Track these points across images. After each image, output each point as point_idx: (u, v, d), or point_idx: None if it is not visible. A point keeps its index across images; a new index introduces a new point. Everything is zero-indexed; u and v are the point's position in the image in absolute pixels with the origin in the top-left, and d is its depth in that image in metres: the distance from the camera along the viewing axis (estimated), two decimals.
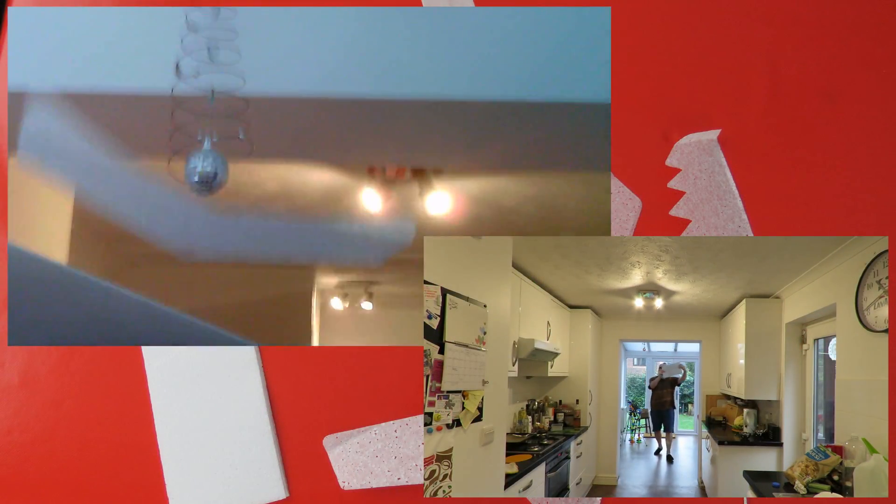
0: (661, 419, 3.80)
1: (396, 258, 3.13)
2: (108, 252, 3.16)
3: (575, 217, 2.61)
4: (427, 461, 1.13)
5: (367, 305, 3.96)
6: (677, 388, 3.87)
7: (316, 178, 2.26)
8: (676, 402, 3.93)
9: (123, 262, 3.21)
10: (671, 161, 1.29)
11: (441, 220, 2.64)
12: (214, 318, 3.44)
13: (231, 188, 2.28)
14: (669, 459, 3.59)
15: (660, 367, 3.87)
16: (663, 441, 3.76)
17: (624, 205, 1.27)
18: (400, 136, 1.71)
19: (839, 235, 1.28)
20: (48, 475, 1.19)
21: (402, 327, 4.28)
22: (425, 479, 1.13)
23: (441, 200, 2.37)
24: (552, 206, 2.48)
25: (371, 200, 2.32)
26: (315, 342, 3.69)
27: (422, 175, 2.22)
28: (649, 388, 3.93)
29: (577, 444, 2.56)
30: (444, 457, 1.17)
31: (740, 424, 2.66)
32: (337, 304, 3.96)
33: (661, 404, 3.80)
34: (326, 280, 3.74)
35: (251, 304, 3.39)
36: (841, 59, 1.32)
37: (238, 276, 3.31)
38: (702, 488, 2.87)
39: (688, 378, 3.92)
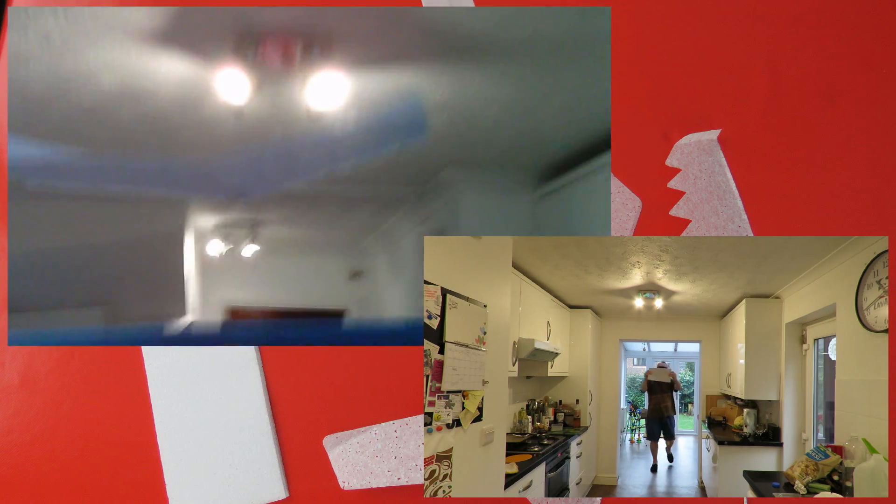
0: (662, 427, 3.31)
1: (287, 192, 2.50)
2: None
3: (497, 127, 1.90)
4: (427, 461, 1.13)
5: (249, 251, 3.30)
6: (675, 393, 3.42)
7: (165, 68, 1.61)
8: (677, 407, 3.45)
9: None
10: (671, 161, 1.29)
11: (328, 121, 1.85)
12: (59, 264, 2.86)
13: (56, 87, 1.69)
14: (670, 458, 3.42)
15: (646, 374, 3.42)
16: (660, 449, 3.35)
17: (624, 205, 1.27)
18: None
19: (839, 235, 1.28)
20: (48, 475, 1.19)
21: (293, 278, 3.62)
22: (425, 479, 1.13)
23: (333, 89, 1.55)
24: (472, 112, 1.80)
25: (235, 91, 1.59)
26: (190, 294, 3.17)
27: (307, 52, 1.46)
28: (642, 391, 3.47)
29: (577, 444, 2.56)
30: (444, 457, 1.17)
31: (740, 424, 2.66)
32: (215, 248, 3.27)
33: (659, 410, 3.31)
34: (203, 219, 2.97)
35: (108, 245, 2.76)
36: (841, 59, 1.32)
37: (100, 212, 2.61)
38: (702, 488, 2.87)
39: (683, 382, 3.53)
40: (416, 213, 2.86)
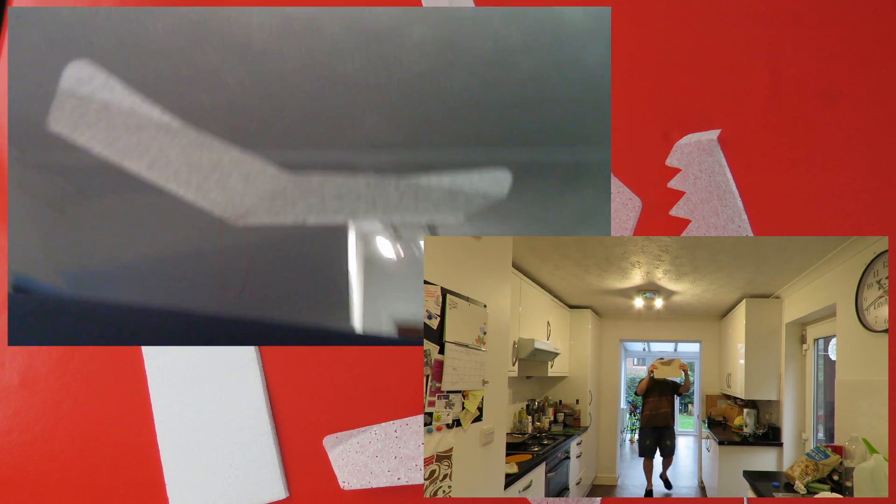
0: (657, 439, 2.62)
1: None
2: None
3: None
4: (427, 461, 1.13)
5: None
6: (677, 397, 2.72)
7: None
8: (677, 416, 2.74)
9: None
10: (671, 161, 1.29)
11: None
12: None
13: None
14: (667, 484, 2.68)
15: (650, 368, 2.71)
16: (656, 466, 2.67)
17: (624, 205, 1.27)
18: None
19: (839, 235, 1.28)
20: (48, 475, 1.19)
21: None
22: (425, 479, 1.13)
23: None
24: None
25: None
26: (355, 307, 2.62)
27: None
28: (637, 394, 2.76)
29: (577, 444, 2.56)
30: (444, 457, 1.17)
31: (740, 424, 2.66)
32: (385, 248, 2.68)
33: (655, 417, 2.63)
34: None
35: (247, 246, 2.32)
36: (841, 59, 1.32)
37: None
38: (702, 488, 2.87)
39: (691, 382, 2.73)
40: None
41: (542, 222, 2.54)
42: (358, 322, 2.75)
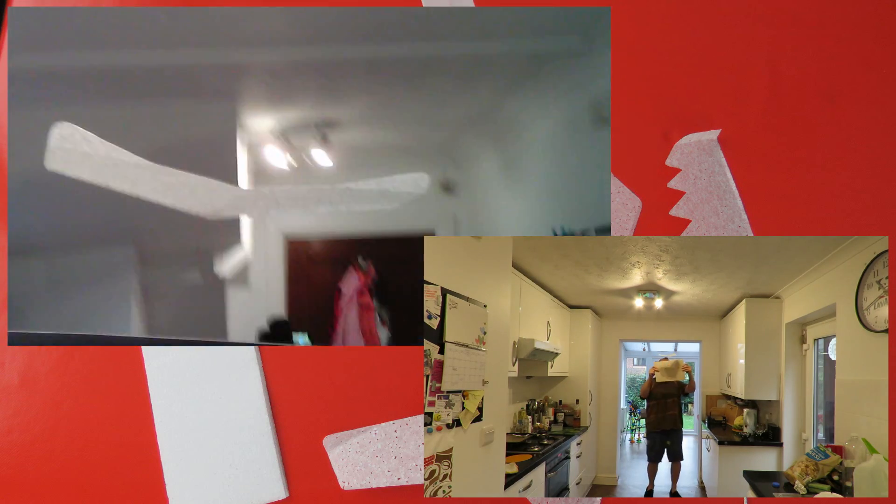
0: (664, 443, 2.53)
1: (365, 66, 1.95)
2: None
3: None
4: (427, 461, 1.13)
5: (321, 158, 2.60)
6: (683, 397, 2.61)
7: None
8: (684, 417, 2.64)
9: None
10: (671, 161, 1.29)
11: None
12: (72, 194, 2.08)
13: None
14: (674, 493, 2.58)
15: (651, 371, 2.64)
16: (664, 476, 2.61)
17: (624, 205, 1.27)
18: None
19: (839, 235, 1.28)
20: (48, 475, 1.19)
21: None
22: (425, 479, 1.13)
23: None
24: None
25: None
26: (244, 221, 2.55)
27: None
28: (641, 396, 2.66)
29: (577, 444, 2.55)
30: (444, 457, 1.17)
31: (740, 424, 2.66)
32: (275, 157, 2.61)
33: (663, 420, 2.53)
34: (257, 122, 2.36)
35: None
36: (841, 59, 1.32)
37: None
38: (702, 488, 2.86)
39: (683, 382, 2.63)
40: (556, 85, 2.02)
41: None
42: (246, 238, 2.64)
